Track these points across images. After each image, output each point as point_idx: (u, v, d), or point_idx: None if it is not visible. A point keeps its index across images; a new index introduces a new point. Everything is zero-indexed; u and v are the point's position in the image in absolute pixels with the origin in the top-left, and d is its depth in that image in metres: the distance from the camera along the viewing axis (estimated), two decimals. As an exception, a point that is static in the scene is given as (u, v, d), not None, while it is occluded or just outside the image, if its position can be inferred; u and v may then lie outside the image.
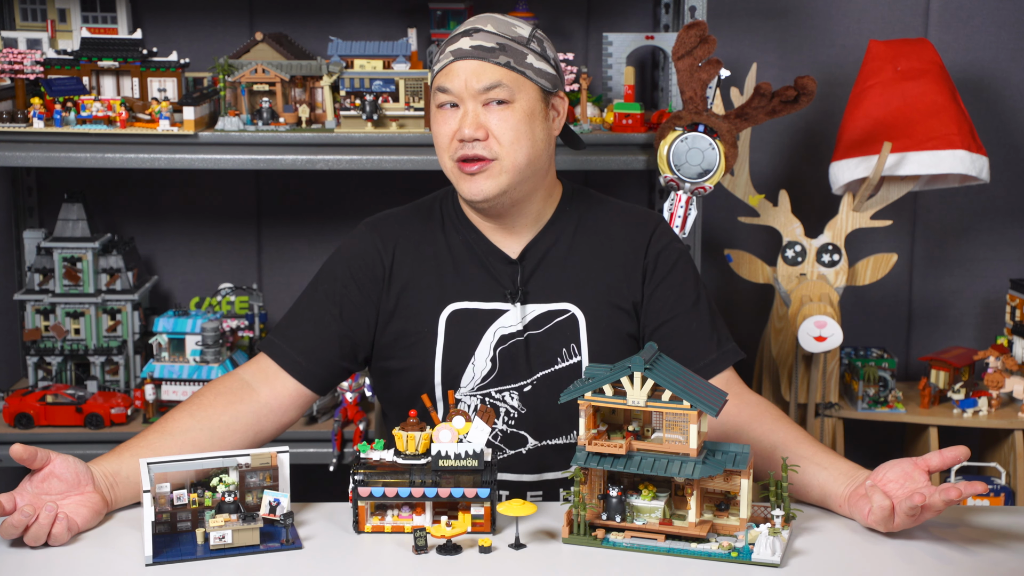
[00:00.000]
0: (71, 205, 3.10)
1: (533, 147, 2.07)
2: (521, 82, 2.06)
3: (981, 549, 1.82)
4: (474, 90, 2.04)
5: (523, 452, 2.14)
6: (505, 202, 2.09)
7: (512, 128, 2.04)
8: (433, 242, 2.16)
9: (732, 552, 1.75)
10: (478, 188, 2.06)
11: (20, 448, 1.81)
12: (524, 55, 2.06)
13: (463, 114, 2.05)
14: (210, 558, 1.74)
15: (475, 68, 2.04)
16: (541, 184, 2.14)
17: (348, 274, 2.15)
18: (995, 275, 3.46)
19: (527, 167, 2.07)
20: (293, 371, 2.10)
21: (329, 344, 2.13)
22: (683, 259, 2.18)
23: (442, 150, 2.09)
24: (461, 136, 2.04)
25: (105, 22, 3.12)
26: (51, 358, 3.08)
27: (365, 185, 3.36)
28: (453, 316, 2.12)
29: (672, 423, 1.77)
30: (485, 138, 2.04)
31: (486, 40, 2.05)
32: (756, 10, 3.33)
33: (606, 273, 2.15)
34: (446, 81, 2.06)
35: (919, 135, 3.01)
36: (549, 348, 2.12)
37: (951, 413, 3.17)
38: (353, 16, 3.27)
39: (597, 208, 2.21)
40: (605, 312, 2.13)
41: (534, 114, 2.07)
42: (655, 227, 2.19)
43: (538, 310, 2.12)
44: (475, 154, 2.04)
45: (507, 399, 2.13)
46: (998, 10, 3.35)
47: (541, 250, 2.15)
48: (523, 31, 2.09)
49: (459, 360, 2.11)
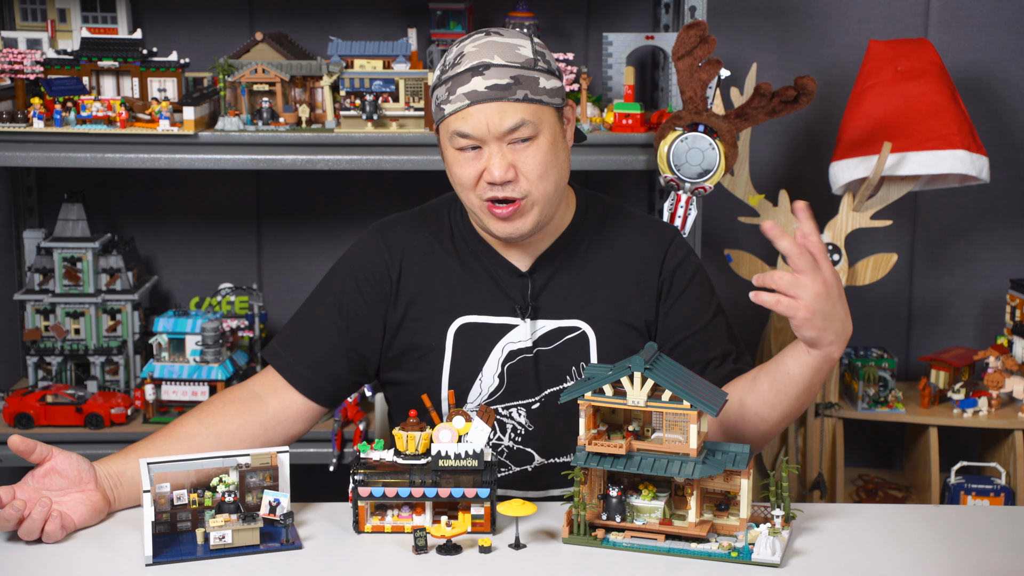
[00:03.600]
0: (71, 205, 3.10)
1: (560, 173, 2.02)
2: (541, 112, 1.98)
3: (981, 549, 1.82)
4: (497, 132, 1.95)
5: (528, 469, 2.12)
6: (537, 231, 2.05)
7: (540, 163, 1.98)
8: (442, 253, 2.12)
9: (732, 552, 1.75)
10: (512, 228, 2.00)
11: (18, 440, 1.81)
12: (536, 81, 1.98)
13: (488, 156, 1.97)
14: (210, 558, 1.74)
15: (495, 110, 1.95)
16: (562, 198, 2.10)
17: (355, 287, 2.11)
18: (995, 275, 3.46)
19: (556, 194, 2.03)
20: (300, 386, 2.08)
21: (336, 358, 2.10)
22: (699, 274, 2.14)
23: (466, 189, 2.01)
24: (490, 179, 1.96)
25: (105, 22, 3.12)
26: (51, 358, 3.08)
27: (365, 185, 3.35)
28: (462, 330, 2.08)
29: (672, 423, 1.77)
30: (515, 178, 1.97)
31: (499, 77, 1.95)
32: (756, 10, 3.33)
33: (619, 290, 2.11)
34: (464, 126, 1.96)
35: (919, 135, 3.01)
36: (558, 366, 2.08)
37: (951, 413, 3.17)
38: (353, 16, 3.27)
39: (611, 220, 2.16)
40: (616, 330, 2.09)
41: (556, 140, 2.01)
42: (670, 242, 2.14)
43: (548, 326, 2.09)
44: (505, 196, 1.97)
45: (514, 415, 2.10)
46: (998, 10, 3.34)
47: (553, 264, 2.11)
48: (527, 51, 1.99)
49: (466, 375, 2.08)
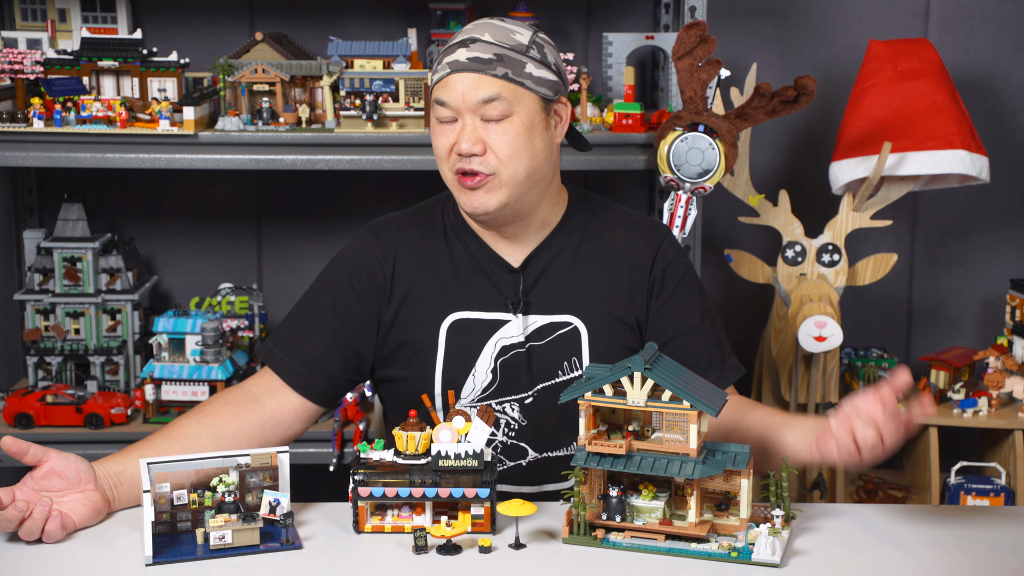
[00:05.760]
0: (71, 205, 3.10)
1: (533, 159, 2.03)
2: (520, 93, 2.00)
3: (981, 549, 1.82)
4: (471, 104, 1.99)
5: (523, 464, 2.12)
6: (506, 214, 2.05)
7: (510, 142, 2.00)
8: (434, 249, 2.13)
9: (732, 552, 1.75)
10: (478, 202, 2.02)
11: (10, 441, 1.81)
12: (523, 64, 2.01)
13: (461, 128, 2.01)
14: (210, 558, 1.74)
15: (472, 81, 1.99)
16: (545, 193, 2.10)
17: (349, 285, 2.12)
18: (995, 275, 3.46)
19: (527, 180, 2.03)
20: (296, 385, 2.09)
21: (332, 357, 2.11)
22: (689, 274, 2.15)
23: (441, 161, 2.05)
24: (459, 151, 2.00)
25: (105, 22, 3.12)
26: (51, 358, 3.08)
27: (365, 185, 3.35)
28: (454, 326, 2.09)
29: (672, 423, 1.77)
30: (483, 153, 2.00)
31: (483, 51, 2.00)
32: (756, 10, 3.33)
33: (610, 286, 2.12)
34: (443, 94, 2.01)
35: (919, 135, 3.01)
36: (551, 360, 2.09)
37: (951, 413, 3.16)
38: (353, 16, 3.27)
39: (603, 217, 2.17)
40: (608, 325, 2.10)
41: (533, 125, 2.02)
42: (662, 240, 2.15)
43: (540, 321, 2.10)
44: (471, 168, 2.00)
45: (507, 410, 2.10)
46: (998, 10, 3.34)
47: (544, 259, 2.12)
48: (522, 38, 2.03)
49: (460, 371, 2.09)
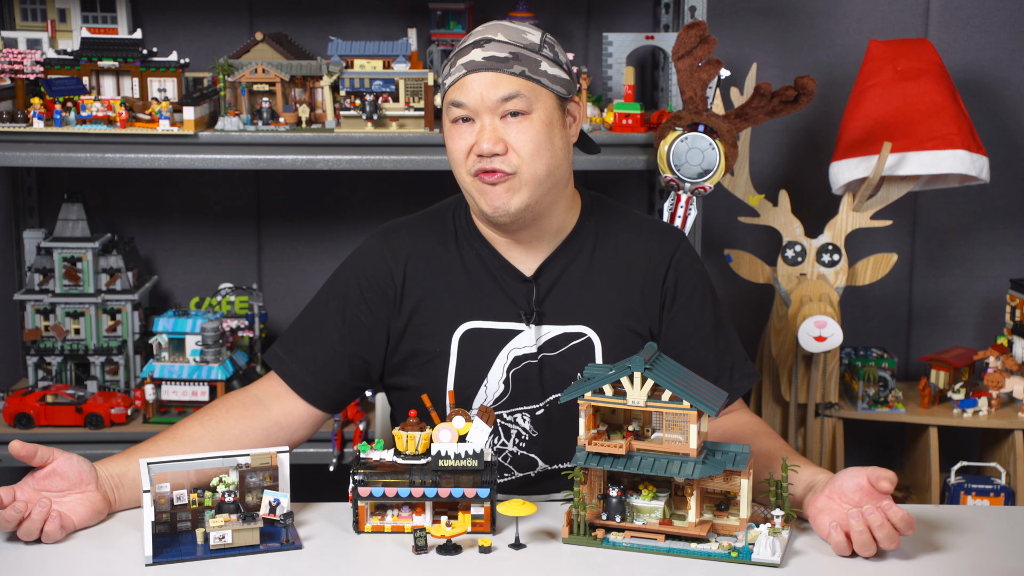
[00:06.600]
0: (71, 205, 3.10)
1: (553, 157, 2.01)
2: (538, 91, 1.99)
3: (981, 549, 1.82)
4: (490, 103, 1.97)
5: (532, 475, 2.11)
6: (527, 216, 2.02)
7: (532, 140, 1.98)
8: (446, 256, 2.10)
9: (732, 552, 1.75)
10: (500, 202, 1.99)
11: (19, 445, 1.80)
12: (538, 63, 2.00)
13: (480, 128, 1.98)
14: (210, 558, 1.74)
15: (490, 80, 1.97)
16: (562, 195, 2.08)
17: (358, 292, 2.10)
18: (995, 275, 3.46)
19: (547, 178, 2.01)
20: (302, 392, 2.08)
21: (339, 364, 2.09)
22: (703, 282, 2.13)
23: (458, 165, 2.02)
24: (479, 151, 1.97)
25: (105, 22, 3.12)
26: (51, 358, 3.08)
27: (365, 185, 3.35)
28: (467, 336, 2.07)
29: (672, 423, 1.77)
30: (504, 152, 1.97)
31: (498, 50, 1.98)
32: (756, 10, 3.33)
33: (624, 296, 2.09)
34: (460, 95, 1.99)
35: (919, 135, 3.01)
36: (563, 372, 2.07)
37: (951, 413, 3.16)
38: (353, 16, 3.27)
39: (617, 223, 2.14)
40: (621, 336, 2.08)
41: (552, 123, 2.01)
42: (676, 248, 2.13)
43: (553, 332, 2.08)
44: (493, 168, 1.97)
45: (519, 421, 2.09)
46: (998, 10, 3.34)
47: (558, 268, 2.09)
48: (534, 37, 2.02)
49: (472, 381, 2.07)
